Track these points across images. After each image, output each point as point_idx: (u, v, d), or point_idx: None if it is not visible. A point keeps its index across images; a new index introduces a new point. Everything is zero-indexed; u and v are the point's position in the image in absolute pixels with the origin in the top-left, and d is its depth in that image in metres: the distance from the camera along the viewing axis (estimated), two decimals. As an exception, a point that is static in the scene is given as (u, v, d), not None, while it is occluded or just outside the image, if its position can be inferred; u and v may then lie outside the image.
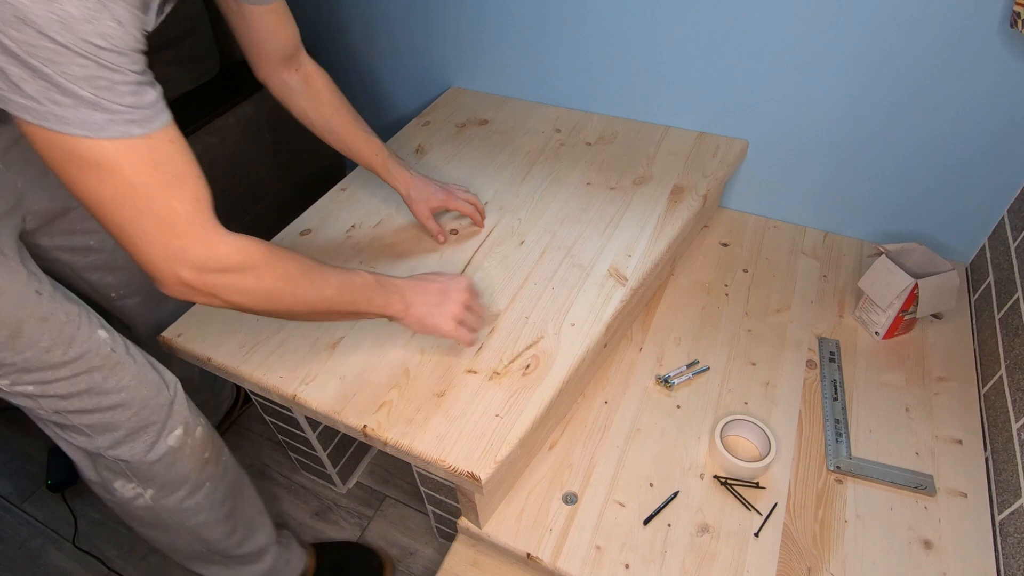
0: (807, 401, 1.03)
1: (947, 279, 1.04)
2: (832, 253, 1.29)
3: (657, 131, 1.34)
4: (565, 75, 1.39)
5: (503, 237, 1.10)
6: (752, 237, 1.34)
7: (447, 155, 1.30)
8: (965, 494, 0.91)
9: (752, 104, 1.23)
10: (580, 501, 0.92)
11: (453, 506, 1.02)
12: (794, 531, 0.87)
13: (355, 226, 1.13)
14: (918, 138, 1.13)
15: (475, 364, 0.89)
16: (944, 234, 1.24)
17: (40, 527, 1.31)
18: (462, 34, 1.44)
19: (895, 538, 0.87)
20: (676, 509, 0.91)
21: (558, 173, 1.24)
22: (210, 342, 0.94)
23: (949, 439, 0.98)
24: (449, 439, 0.80)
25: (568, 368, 0.88)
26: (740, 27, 1.14)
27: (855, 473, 0.93)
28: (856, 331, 1.14)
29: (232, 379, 0.92)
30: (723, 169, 1.23)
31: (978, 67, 1.01)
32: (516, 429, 0.81)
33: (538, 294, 0.99)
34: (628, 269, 1.03)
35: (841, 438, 0.97)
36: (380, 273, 0.82)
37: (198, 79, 1.49)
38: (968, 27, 0.98)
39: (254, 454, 1.42)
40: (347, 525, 1.28)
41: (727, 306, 1.19)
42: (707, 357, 1.10)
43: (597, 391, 1.06)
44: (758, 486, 0.92)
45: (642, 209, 1.14)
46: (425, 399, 0.85)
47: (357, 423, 0.82)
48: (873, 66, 1.08)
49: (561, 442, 0.99)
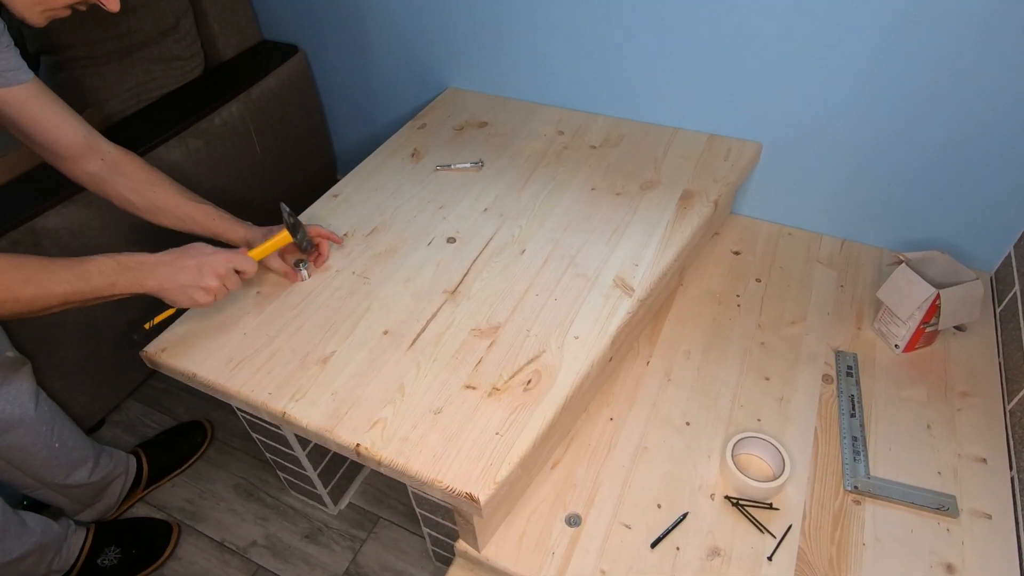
0: (823, 417, 1.04)
1: (971, 289, 1.06)
2: (849, 262, 1.31)
3: (665, 133, 1.36)
4: (568, 74, 1.41)
5: (503, 245, 1.11)
6: (765, 245, 1.36)
7: (444, 159, 1.32)
8: (990, 516, 0.92)
9: (765, 104, 1.25)
10: (584, 523, 0.93)
11: (450, 528, 1.03)
12: (809, 555, 0.88)
13: (348, 234, 1.14)
14: (940, 140, 1.15)
15: (474, 379, 0.90)
16: (967, 242, 1.25)
17: None
18: (460, 32, 1.46)
19: (916, 562, 0.88)
20: (685, 531, 0.92)
21: (561, 178, 1.26)
22: (195, 357, 0.95)
23: (973, 458, 0.99)
24: (446, 458, 0.81)
25: (571, 383, 0.89)
26: (753, 23, 1.15)
27: (874, 493, 0.94)
28: (875, 344, 1.15)
29: (219, 396, 0.94)
30: (735, 173, 1.25)
31: (1002, 67, 1.03)
32: (517, 448, 0.82)
33: (540, 305, 1.01)
34: (635, 279, 1.04)
35: (859, 456, 0.99)
36: (128, 255, 0.87)
37: (181, 79, 1.51)
38: (991, 26, 1.00)
39: (240, 473, 1.43)
40: (339, 548, 1.29)
41: (739, 318, 1.21)
42: (718, 371, 1.11)
43: (602, 407, 1.07)
44: (771, 507, 0.93)
45: (650, 216, 1.16)
46: (421, 416, 0.86)
47: (350, 441, 0.84)
48: (892, 64, 1.09)
49: (564, 461, 1.00)
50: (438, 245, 1.12)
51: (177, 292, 0.90)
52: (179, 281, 0.89)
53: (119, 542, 1.27)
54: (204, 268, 0.91)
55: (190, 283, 0.90)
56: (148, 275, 0.88)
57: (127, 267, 0.86)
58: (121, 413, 1.57)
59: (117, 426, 1.54)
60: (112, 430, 1.53)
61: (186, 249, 0.92)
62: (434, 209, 1.19)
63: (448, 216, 1.17)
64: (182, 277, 0.89)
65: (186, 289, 0.90)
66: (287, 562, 1.28)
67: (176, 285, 0.89)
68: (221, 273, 0.92)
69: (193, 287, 0.90)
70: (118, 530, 1.30)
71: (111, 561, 1.25)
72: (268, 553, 1.30)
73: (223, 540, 1.33)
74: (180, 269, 0.90)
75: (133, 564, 1.26)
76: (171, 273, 0.89)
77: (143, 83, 1.45)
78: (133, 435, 1.52)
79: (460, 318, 0.99)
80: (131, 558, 1.26)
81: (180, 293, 0.90)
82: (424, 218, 1.17)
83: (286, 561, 1.28)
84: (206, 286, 0.91)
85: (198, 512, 1.37)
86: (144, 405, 1.58)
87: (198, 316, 1.01)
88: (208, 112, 1.45)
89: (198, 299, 0.91)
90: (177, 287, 0.89)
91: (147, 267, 0.88)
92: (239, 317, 1.00)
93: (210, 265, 0.91)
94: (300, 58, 1.67)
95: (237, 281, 0.95)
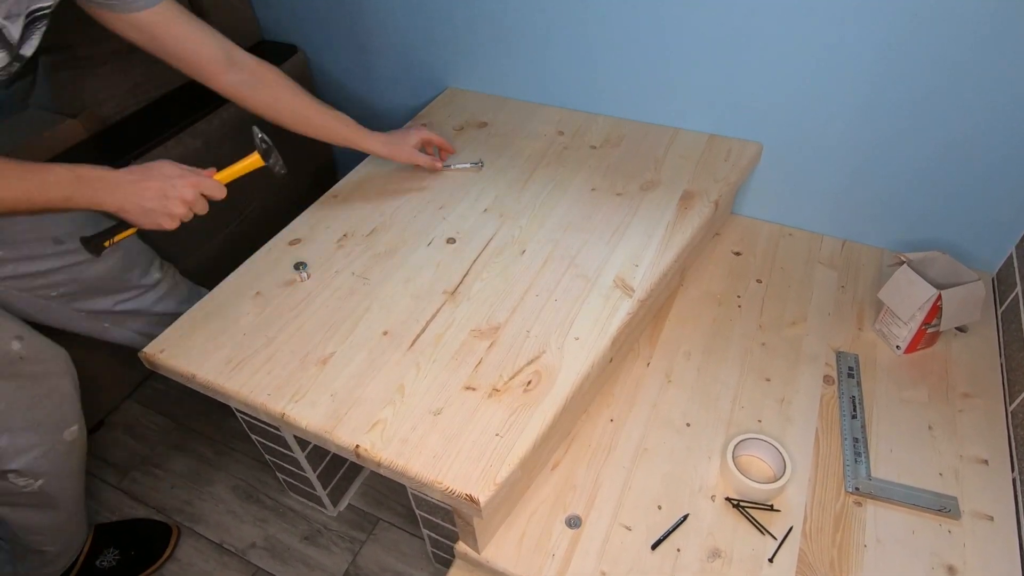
0: (824, 419, 1.04)
1: (972, 290, 1.06)
2: (850, 262, 1.31)
3: (666, 133, 1.36)
4: (568, 74, 1.41)
5: (503, 246, 1.12)
6: (766, 245, 1.36)
7: (444, 159, 1.32)
8: (991, 517, 0.92)
9: (766, 104, 1.25)
10: (584, 524, 0.93)
11: (450, 530, 1.03)
12: (810, 556, 0.89)
13: (347, 235, 1.15)
14: (941, 140, 1.15)
15: (474, 380, 0.91)
16: (969, 242, 1.25)
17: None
18: (460, 32, 1.46)
19: (917, 564, 0.88)
20: (686, 533, 0.92)
21: (561, 178, 1.26)
22: (194, 358, 0.95)
23: (974, 459, 0.99)
24: (446, 459, 0.81)
25: (572, 384, 0.90)
26: (753, 22, 1.16)
27: (875, 495, 0.94)
28: (876, 345, 1.15)
29: (218, 397, 0.94)
30: (736, 173, 1.25)
31: (1003, 66, 1.03)
32: (517, 449, 0.82)
33: (540, 306, 1.01)
34: (635, 280, 1.04)
35: (860, 458, 0.99)
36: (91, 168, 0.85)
37: (180, 79, 1.51)
38: (993, 25, 1.00)
39: (239, 475, 1.44)
40: (338, 550, 1.29)
41: (740, 318, 1.21)
42: (719, 372, 1.12)
43: (602, 408, 1.07)
44: (772, 509, 0.93)
45: (650, 216, 1.16)
46: (421, 417, 0.86)
47: (349, 442, 0.84)
48: (893, 64, 1.10)
49: (564, 462, 1.00)
50: (438, 245, 1.12)
51: (140, 214, 0.88)
52: (142, 204, 0.87)
53: (118, 543, 1.28)
54: (171, 193, 0.89)
55: (155, 207, 0.88)
56: (108, 193, 0.85)
57: (86, 181, 0.84)
58: (120, 414, 1.58)
59: (116, 428, 1.55)
60: (111, 432, 1.54)
61: (150, 168, 0.90)
62: (434, 209, 1.19)
63: (448, 216, 1.18)
64: (146, 200, 0.87)
65: (150, 213, 0.88)
66: (286, 564, 1.28)
67: (139, 208, 0.87)
68: (189, 199, 0.90)
69: (159, 212, 0.88)
70: (117, 531, 1.30)
71: (110, 563, 1.26)
72: (267, 555, 1.30)
73: (222, 542, 1.33)
74: (144, 191, 0.87)
75: (132, 565, 1.27)
76: (134, 193, 0.87)
77: (142, 83, 1.45)
78: (132, 436, 1.52)
79: (460, 319, 0.99)
80: (130, 559, 1.27)
81: (143, 216, 0.88)
82: (424, 218, 1.17)
83: (285, 563, 1.29)
84: (172, 212, 0.89)
85: (197, 514, 1.38)
86: (143, 406, 1.58)
87: (197, 317, 1.01)
88: (207, 112, 1.46)
89: (163, 224, 0.90)
90: (140, 210, 0.88)
91: (108, 184, 0.86)
92: (238, 317, 1.00)
93: (177, 190, 0.89)
94: (300, 58, 1.67)
95: (204, 205, 0.94)
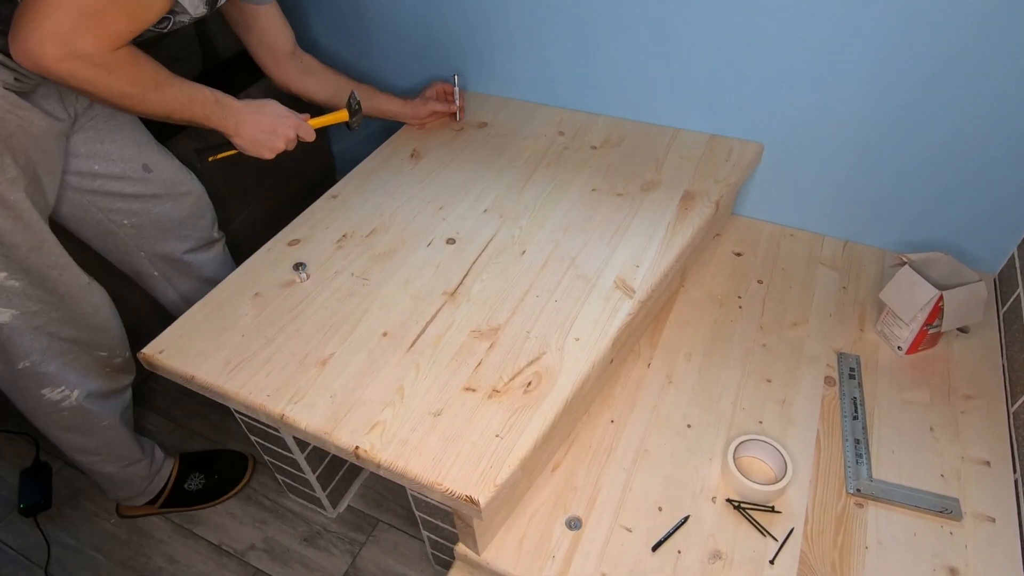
0: (825, 420, 1.04)
1: (974, 291, 1.06)
2: (852, 263, 1.31)
3: (666, 133, 1.37)
4: (569, 75, 1.41)
5: (503, 246, 1.12)
6: (767, 246, 1.36)
7: (444, 159, 1.32)
8: (993, 519, 0.92)
9: (767, 104, 1.25)
10: (585, 526, 0.93)
11: (450, 531, 1.03)
12: (812, 558, 0.89)
13: (347, 236, 1.15)
14: (942, 140, 1.15)
15: (474, 381, 0.91)
16: (971, 243, 1.25)
17: (12, 554, 1.33)
18: (460, 32, 1.46)
19: (919, 566, 0.88)
20: (686, 534, 0.92)
21: (561, 178, 1.26)
22: (193, 359, 0.95)
23: (976, 460, 0.99)
24: (446, 461, 0.81)
25: (572, 385, 0.90)
26: (754, 22, 1.16)
27: (876, 496, 0.94)
28: (877, 346, 1.15)
29: (217, 398, 0.94)
30: (736, 174, 1.25)
31: (1005, 64, 1.03)
32: (517, 450, 0.82)
33: (540, 307, 1.01)
34: (636, 280, 1.04)
35: (861, 459, 0.99)
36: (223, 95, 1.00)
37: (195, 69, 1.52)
38: (994, 22, 1.00)
39: (238, 477, 1.44)
40: (337, 551, 1.29)
41: (740, 319, 1.21)
42: (719, 374, 1.12)
43: (603, 410, 1.07)
44: (773, 510, 0.94)
45: (650, 217, 1.16)
46: (420, 418, 0.86)
47: (349, 444, 0.84)
48: (893, 64, 1.10)
49: (565, 464, 1.00)
50: (438, 246, 1.12)
51: (247, 141, 1.03)
52: (255, 134, 1.03)
53: (202, 469, 1.41)
54: (279, 130, 1.05)
55: (263, 140, 1.04)
56: (231, 116, 1.00)
57: (222, 105, 0.99)
58: (118, 415, 1.57)
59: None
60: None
61: (264, 104, 1.05)
62: (434, 210, 1.20)
63: (448, 217, 1.18)
64: (258, 132, 1.03)
65: (256, 142, 1.04)
66: (285, 565, 1.28)
67: (250, 137, 1.03)
68: (291, 137, 1.07)
69: (262, 144, 1.04)
70: (201, 459, 1.43)
71: (196, 486, 1.39)
72: (266, 556, 1.30)
73: (221, 543, 1.33)
74: (258, 123, 1.03)
75: (216, 488, 1.40)
76: (251, 124, 1.02)
77: None
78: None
79: (460, 320, 0.99)
80: (214, 483, 1.40)
81: (250, 143, 1.04)
82: (424, 219, 1.18)
83: (284, 564, 1.29)
84: (274, 147, 1.06)
85: (195, 515, 1.38)
86: (142, 407, 1.58)
87: (197, 317, 1.01)
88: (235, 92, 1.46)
89: (263, 154, 1.06)
90: (251, 138, 1.03)
91: (234, 111, 1.01)
92: (237, 318, 1.01)
93: (283, 128, 1.05)
94: (299, 58, 1.67)
95: (295, 144, 1.09)
